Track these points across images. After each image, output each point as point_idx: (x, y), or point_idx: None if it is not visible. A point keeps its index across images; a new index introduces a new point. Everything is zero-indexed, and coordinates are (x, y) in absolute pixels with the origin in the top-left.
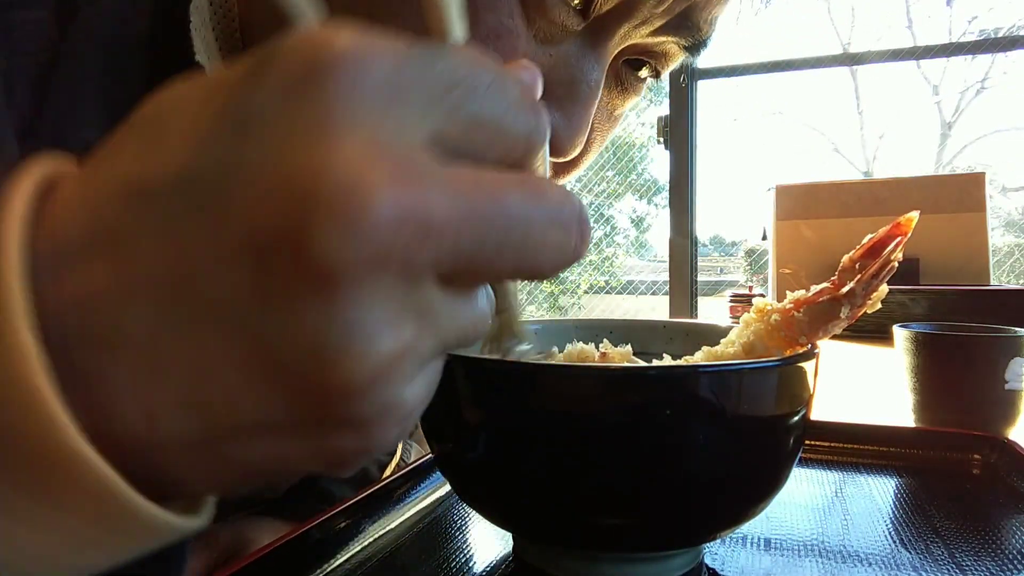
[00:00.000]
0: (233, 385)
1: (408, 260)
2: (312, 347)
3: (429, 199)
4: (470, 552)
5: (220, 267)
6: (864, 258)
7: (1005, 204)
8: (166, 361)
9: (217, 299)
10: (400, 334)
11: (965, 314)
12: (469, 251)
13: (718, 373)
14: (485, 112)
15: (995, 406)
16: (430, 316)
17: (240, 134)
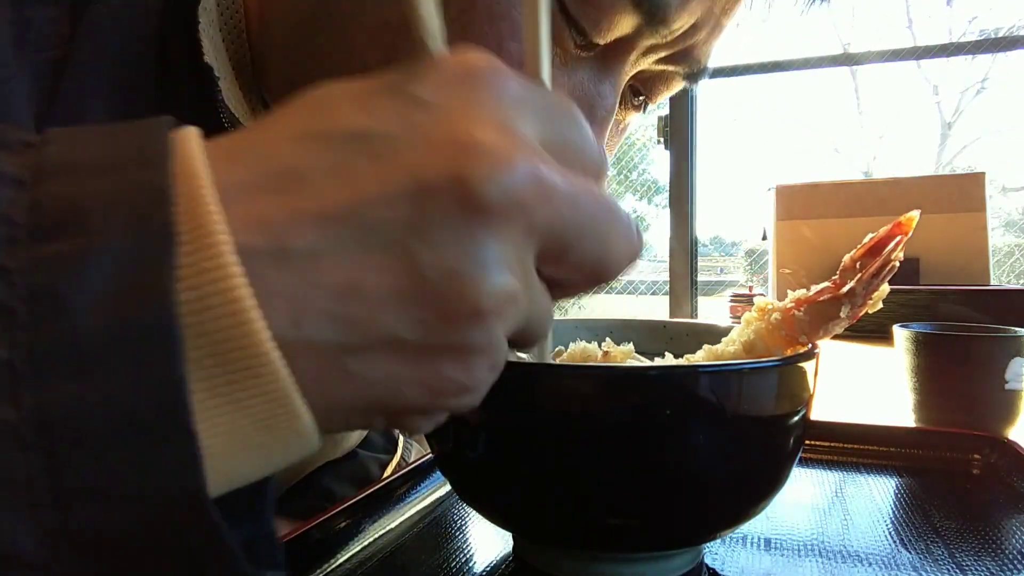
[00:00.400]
0: (378, 302)
1: (531, 214)
2: (454, 270)
3: (552, 174)
4: (470, 552)
5: (388, 200)
6: (865, 257)
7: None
8: (323, 275)
9: (380, 227)
10: (513, 280)
11: (965, 314)
12: (567, 226)
13: (718, 373)
14: (574, 138)
15: (995, 406)
16: (527, 283)
17: (411, 108)
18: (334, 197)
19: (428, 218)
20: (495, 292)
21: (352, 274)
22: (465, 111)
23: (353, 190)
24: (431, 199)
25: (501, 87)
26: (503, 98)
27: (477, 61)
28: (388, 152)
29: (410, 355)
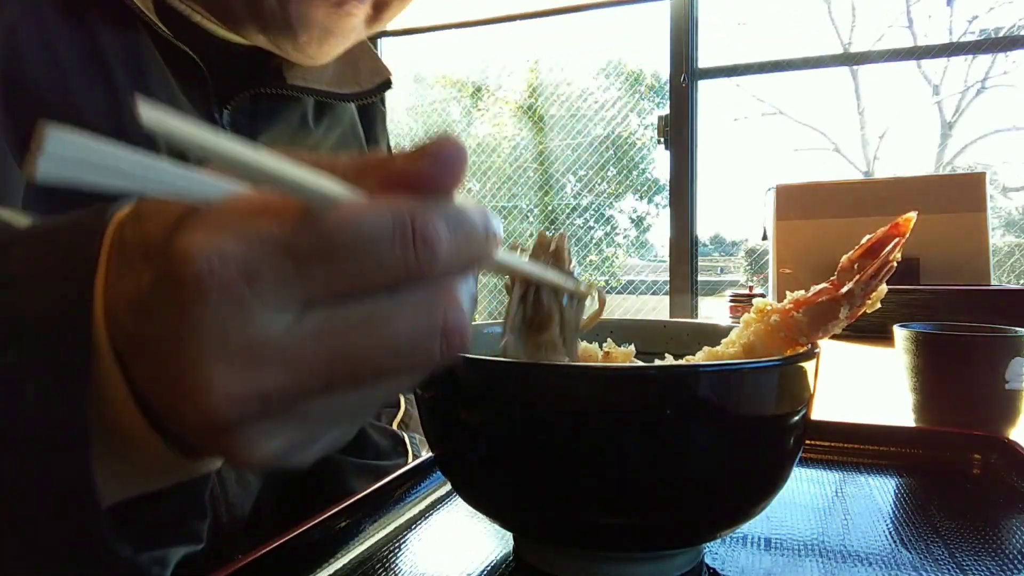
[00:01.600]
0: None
1: (264, 414)
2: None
3: (265, 380)
4: (470, 552)
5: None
6: (863, 258)
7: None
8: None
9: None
10: (283, 439)
11: (966, 314)
12: (321, 390)
13: (718, 373)
14: (347, 270)
15: (995, 406)
16: (310, 417)
17: (152, 329)
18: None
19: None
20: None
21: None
22: (173, 350)
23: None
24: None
25: (204, 297)
26: (211, 303)
27: (180, 258)
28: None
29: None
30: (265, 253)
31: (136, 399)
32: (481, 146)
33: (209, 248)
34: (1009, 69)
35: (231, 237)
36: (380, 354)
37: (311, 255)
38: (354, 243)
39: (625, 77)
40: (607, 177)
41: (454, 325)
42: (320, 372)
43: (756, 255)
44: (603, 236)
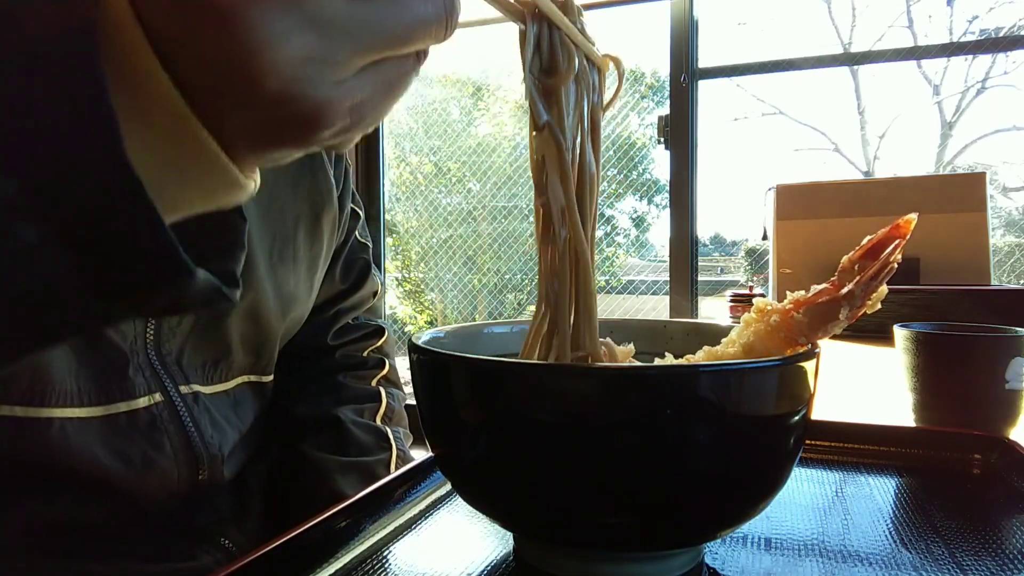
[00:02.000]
0: (200, 70)
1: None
2: (240, 62)
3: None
4: (470, 552)
5: None
6: (863, 259)
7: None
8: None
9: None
10: (302, 41)
11: (966, 314)
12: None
13: (718, 373)
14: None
15: (995, 406)
16: (329, 26)
17: None
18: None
19: (199, 24)
20: (283, 69)
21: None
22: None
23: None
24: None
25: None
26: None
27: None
28: None
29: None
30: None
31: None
32: (481, 146)
33: None
34: (1009, 69)
35: None
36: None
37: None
38: None
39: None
40: (607, 177)
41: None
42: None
43: (756, 255)
44: (603, 236)
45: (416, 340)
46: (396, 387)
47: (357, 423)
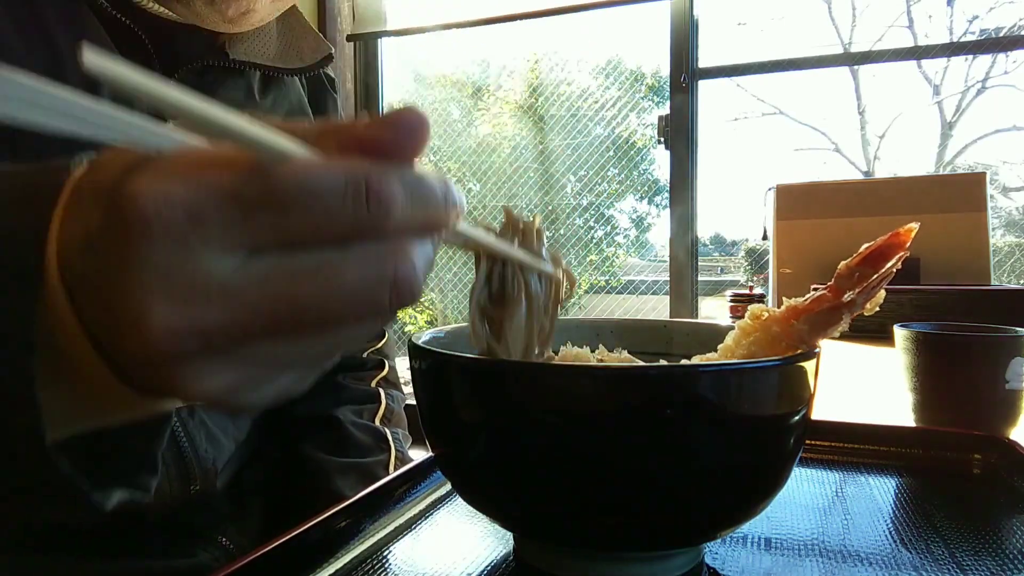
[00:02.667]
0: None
1: (204, 352)
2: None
3: (203, 317)
4: (470, 551)
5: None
6: (861, 266)
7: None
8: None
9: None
10: (225, 378)
11: (966, 314)
12: (267, 334)
13: (718, 373)
14: (295, 223)
15: (996, 406)
16: (256, 360)
17: (96, 265)
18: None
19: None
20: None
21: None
22: (116, 288)
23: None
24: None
25: (149, 235)
26: (156, 242)
27: (126, 200)
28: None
29: None
30: (211, 198)
31: (87, 335)
32: (481, 146)
33: (155, 190)
34: (1009, 69)
35: (179, 182)
36: (326, 301)
37: (258, 203)
38: (303, 194)
39: (625, 77)
40: (607, 177)
41: (404, 277)
42: (263, 314)
43: (756, 255)
44: (603, 236)
45: (416, 340)
46: (395, 388)
47: (356, 424)
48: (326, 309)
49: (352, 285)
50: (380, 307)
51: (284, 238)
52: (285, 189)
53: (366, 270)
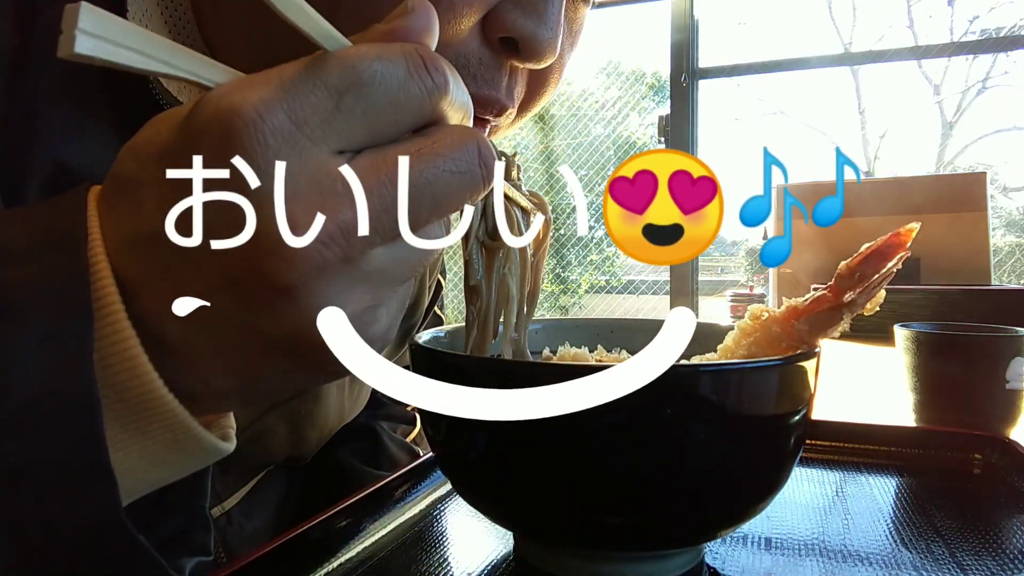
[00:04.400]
0: (251, 357)
1: (342, 257)
2: (292, 329)
3: (341, 214)
4: (471, 551)
5: (216, 292)
6: (861, 266)
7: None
8: (200, 352)
9: (223, 311)
10: (353, 302)
11: (966, 314)
12: (390, 228)
13: (718, 373)
14: (378, 101)
15: (996, 405)
16: (376, 275)
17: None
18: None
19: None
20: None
21: (226, 345)
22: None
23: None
24: (244, 287)
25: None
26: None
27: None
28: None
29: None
30: (301, 93)
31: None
32: None
33: (250, 98)
34: (1009, 69)
35: (264, 86)
36: (434, 176)
37: (342, 87)
38: (376, 72)
39: (625, 77)
40: (607, 177)
41: (484, 143)
42: (387, 200)
43: (756, 255)
44: (603, 236)
45: (416, 340)
46: None
47: (392, 438)
48: (436, 185)
49: (449, 155)
50: (475, 176)
51: (373, 125)
52: (359, 67)
53: (455, 139)
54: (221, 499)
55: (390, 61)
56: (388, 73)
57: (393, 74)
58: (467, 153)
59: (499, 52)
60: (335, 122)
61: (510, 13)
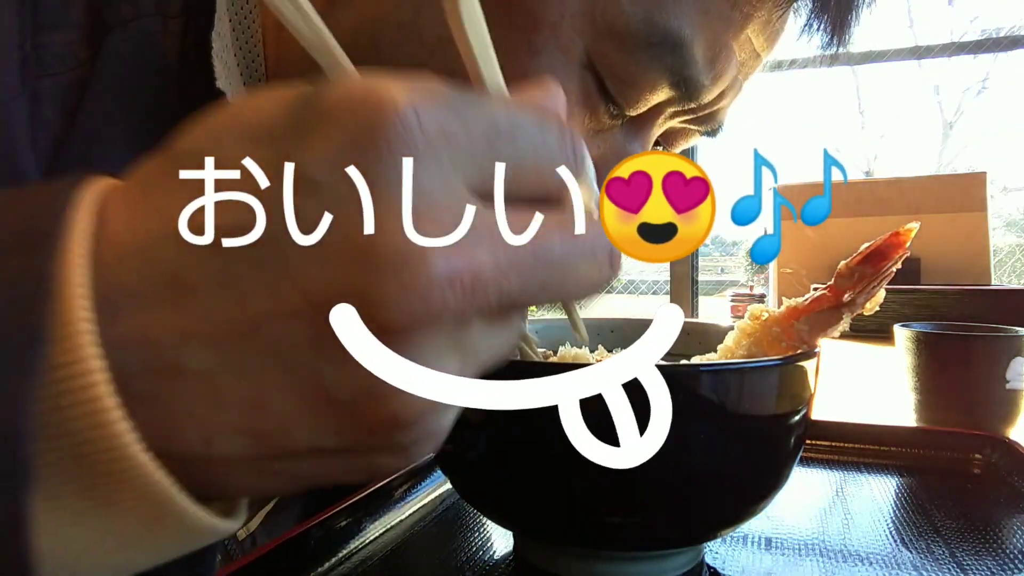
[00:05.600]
0: (288, 417)
1: (458, 312)
2: (366, 388)
3: (476, 257)
4: (471, 551)
5: (282, 319)
6: (861, 265)
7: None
8: (224, 395)
9: (277, 345)
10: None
11: (966, 314)
12: (513, 295)
13: (718, 373)
14: (527, 156)
15: (996, 405)
16: (472, 350)
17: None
18: (223, 314)
19: (328, 338)
20: (418, 401)
21: (254, 392)
22: (359, 195)
23: (243, 308)
24: (323, 318)
25: (411, 137)
26: (416, 152)
27: (376, 102)
28: (275, 258)
29: (337, 455)
30: (462, 112)
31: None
32: None
33: (406, 92)
34: (1010, 69)
35: (421, 89)
36: (568, 253)
37: (503, 126)
38: (537, 126)
39: None
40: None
41: (612, 249)
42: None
43: None
44: None
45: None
46: None
47: None
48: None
49: (585, 241)
50: (603, 270)
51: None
52: (523, 116)
53: (591, 228)
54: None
55: (547, 123)
56: (543, 133)
57: (545, 138)
58: (602, 247)
59: None
60: (483, 157)
61: None
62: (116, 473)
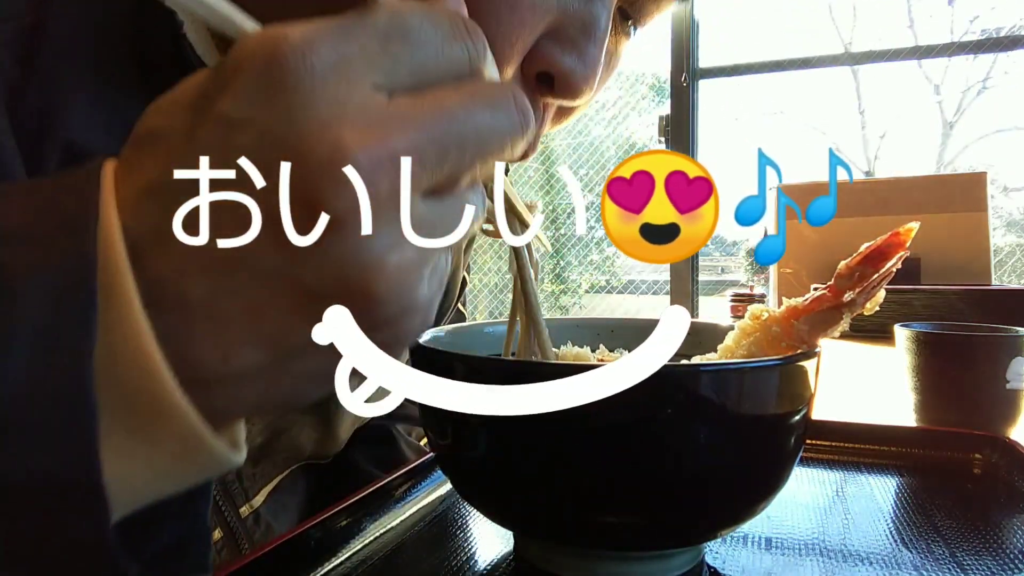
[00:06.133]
0: (284, 321)
1: (393, 191)
2: (337, 276)
3: (390, 139)
4: (471, 551)
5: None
6: (861, 265)
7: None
8: (226, 315)
9: (253, 259)
10: (403, 251)
11: (966, 314)
12: (437, 164)
13: (719, 373)
14: (422, 51)
15: (996, 405)
16: (430, 226)
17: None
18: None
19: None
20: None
21: (248, 307)
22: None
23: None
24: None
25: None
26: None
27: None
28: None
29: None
30: (348, 31)
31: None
32: None
33: (295, 31)
34: (1010, 69)
35: (309, 25)
36: (476, 114)
37: (389, 31)
38: (422, 23)
39: (626, 77)
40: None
41: (521, 101)
42: (434, 131)
43: None
44: (603, 236)
45: (416, 339)
46: None
47: (409, 442)
48: (478, 121)
49: (487, 98)
50: (513, 121)
51: (417, 73)
52: (406, 17)
53: (491, 86)
54: (249, 496)
55: (436, 17)
56: (433, 27)
57: (438, 29)
58: (505, 98)
59: (534, 89)
60: (380, 61)
61: (550, 49)
62: (162, 417)
